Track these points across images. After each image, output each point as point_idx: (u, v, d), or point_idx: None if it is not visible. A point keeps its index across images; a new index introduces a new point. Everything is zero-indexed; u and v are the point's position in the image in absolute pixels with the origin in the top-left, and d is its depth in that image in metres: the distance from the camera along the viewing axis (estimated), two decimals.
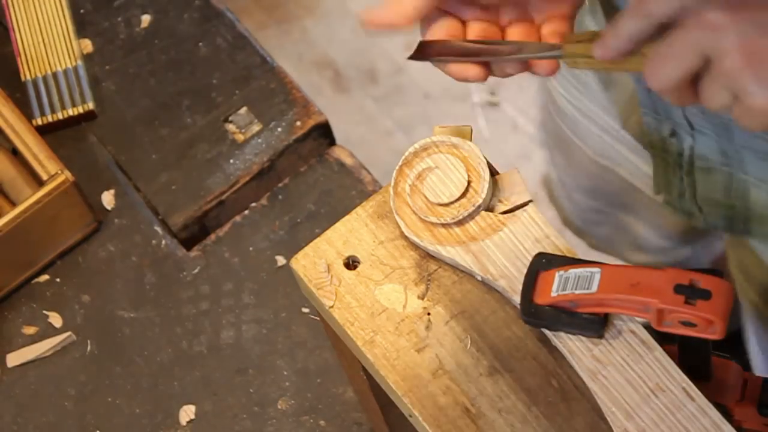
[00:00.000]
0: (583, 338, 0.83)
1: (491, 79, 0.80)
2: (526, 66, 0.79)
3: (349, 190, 1.31)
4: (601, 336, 0.83)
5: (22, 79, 1.38)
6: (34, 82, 1.37)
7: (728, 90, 0.64)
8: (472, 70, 0.79)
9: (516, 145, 2.19)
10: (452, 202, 0.88)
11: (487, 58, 0.80)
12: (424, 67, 0.86)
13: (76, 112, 1.35)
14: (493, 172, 0.90)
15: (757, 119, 0.64)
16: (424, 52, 0.82)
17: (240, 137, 1.34)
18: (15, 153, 1.31)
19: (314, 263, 0.89)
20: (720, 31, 0.62)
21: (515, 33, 0.79)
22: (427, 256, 0.88)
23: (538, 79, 1.31)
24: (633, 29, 0.67)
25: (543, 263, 0.83)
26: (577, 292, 0.80)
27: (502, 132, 2.20)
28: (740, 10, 0.61)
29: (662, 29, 0.66)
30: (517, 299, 0.84)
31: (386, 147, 2.21)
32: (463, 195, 0.88)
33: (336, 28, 2.37)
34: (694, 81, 0.66)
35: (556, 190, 1.56)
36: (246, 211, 1.31)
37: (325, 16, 2.38)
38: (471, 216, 0.88)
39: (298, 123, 1.33)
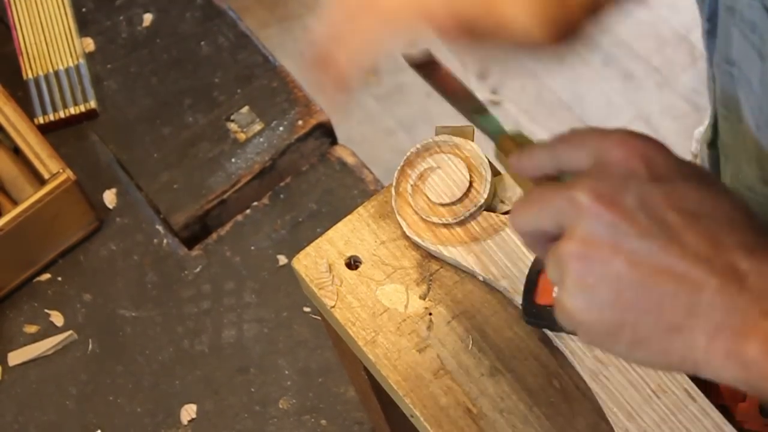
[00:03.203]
0: None
1: (493, 78, 0.80)
2: None
3: (351, 189, 1.30)
4: None
5: (24, 77, 1.38)
6: (36, 81, 1.37)
7: (557, 270, 0.62)
8: None
9: None
10: (454, 202, 0.88)
11: (452, 102, 0.79)
12: None
13: (77, 111, 1.35)
14: (495, 172, 0.90)
15: (561, 316, 0.62)
16: (426, 68, 0.80)
17: (242, 136, 1.34)
18: (17, 152, 1.31)
19: (316, 263, 0.89)
20: (579, 213, 0.60)
21: None
22: (429, 256, 0.88)
23: None
24: (536, 161, 0.69)
25: (545, 264, 0.83)
26: None
27: None
28: (608, 208, 0.59)
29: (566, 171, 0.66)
30: (518, 300, 0.84)
31: (388, 146, 2.21)
32: (465, 195, 0.88)
33: None
34: (551, 239, 0.64)
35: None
36: (247, 210, 1.31)
37: None
38: (473, 216, 0.88)
39: (300, 122, 1.33)
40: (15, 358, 1.25)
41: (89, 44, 1.41)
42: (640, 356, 0.60)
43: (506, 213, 0.88)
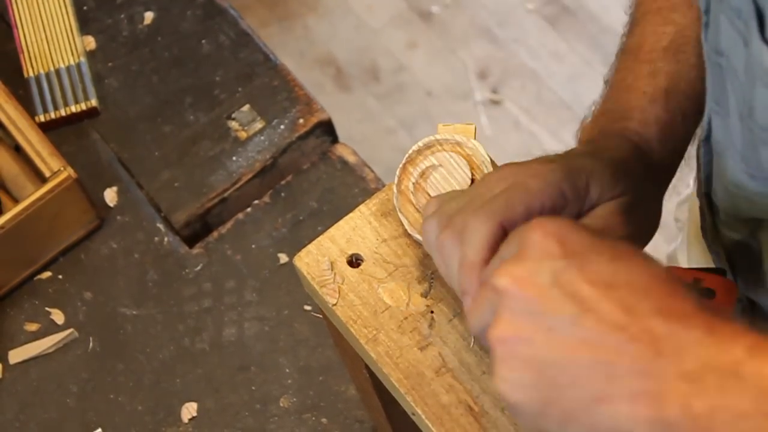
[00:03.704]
0: None
1: (493, 77, 0.81)
2: None
3: (352, 187, 1.30)
4: None
5: (25, 75, 1.38)
6: (37, 79, 1.37)
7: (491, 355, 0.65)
8: None
9: (518, 143, 2.19)
10: None
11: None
12: (426, 65, 0.86)
13: (78, 109, 1.35)
14: None
15: (501, 398, 0.63)
16: None
17: (243, 134, 1.34)
18: (17, 150, 1.31)
19: (317, 261, 0.89)
20: (500, 298, 0.63)
21: None
22: None
23: None
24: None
25: None
26: None
27: (504, 130, 2.20)
28: (523, 288, 0.62)
29: None
30: None
31: (388, 145, 2.22)
32: None
33: (338, 26, 2.37)
34: None
35: None
36: (248, 209, 1.31)
37: (328, 14, 2.38)
38: None
39: (301, 120, 1.33)
40: (15, 356, 1.25)
41: (90, 42, 1.41)
42: None
43: None
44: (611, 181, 0.77)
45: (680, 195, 1.32)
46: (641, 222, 0.78)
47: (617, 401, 0.58)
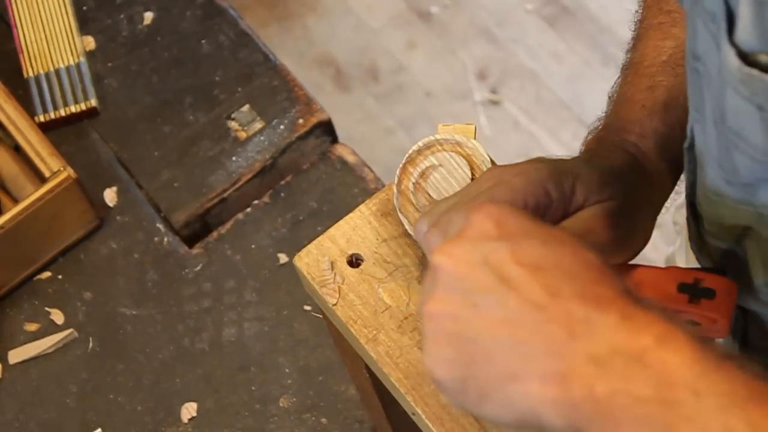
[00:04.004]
0: None
1: (493, 77, 0.81)
2: None
3: (352, 187, 1.30)
4: None
5: (25, 75, 1.38)
6: (37, 79, 1.37)
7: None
8: None
9: (517, 143, 2.19)
10: None
11: None
12: (426, 65, 0.86)
13: (78, 109, 1.35)
14: None
15: (425, 368, 0.65)
16: None
17: (242, 135, 1.34)
18: (17, 150, 1.31)
19: (318, 261, 0.89)
20: (435, 275, 0.65)
21: None
22: None
23: None
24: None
25: None
26: None
27: (503, 130, 2.20)
28: (455, 266, 0.63)
29: None
30: None
31: (387, 145, 2.21)
32: None
33: (337, 26, 2.37)
34: None
35: None
36: (248, 209, 1.31)
37: (327, 14, 2.38)
38: None
39: (301, 121, 1.33)
40: (15, 356, 1.25)
41: (90, 42, 1.41)
42: (488, 411, 0.62)
43: None
44: (599, 184, 0.78)
45: (678, 199, 1.32)
46: (628, 228, 0.79)
47: (529, 380, 0.59)
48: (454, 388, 0.63)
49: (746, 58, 0.60)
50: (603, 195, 0.78)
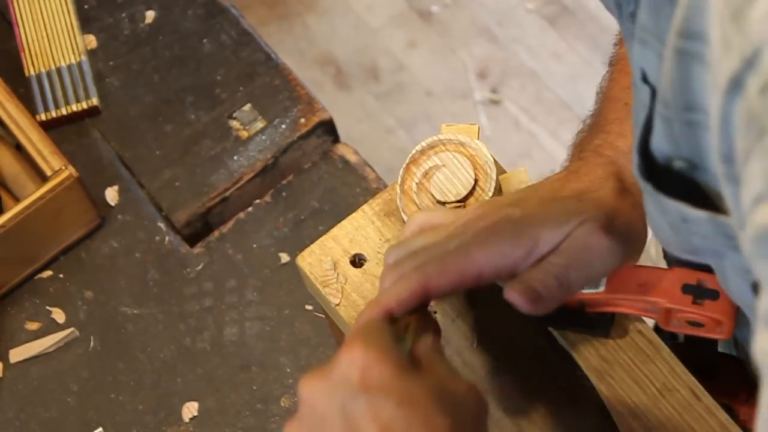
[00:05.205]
0: (590, 338, 0.83)
1: (493, 76, 0.81)
2: None
3: (353, 187, 1.30)
4: (608, 336, 0.83)
5: (26, 74, 1.37)
6: (38, 78, 1.37)
7: None
8: None
9: (517, 143, 2.19)
10: (459, 201, 0.88)
11: None
12: (426, 64, 0.86)
13: (79, 108, 1.35)
14: (500, 171, 0.90)
15: None
16: None
17: (244, 134, 1.33)
18: (19, 148, 1.31)
19: (320, 261, 0.89)
20: (297, 412, 0.70)
21: None
22: None
23: None
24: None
25: None
26: (584, 291, 0.80)
27: (504, 130, 2.20)
28: (311, 410, 0.69)
29: None
30: None
31: (388, 144, 2.21)
32: (470, 193, 0.88)
33: (338, 25, 2.37)
34: None
35: None
36: (250, 208, 1.31)
37: (327, 13, 2.38)
38: None
39: (302, 120, 1.33)
40: (16, 355, 1.25)
41: (91, 41, 1.40)
42: None
43: None
44: (563, 222, 0.78)
45: None
46: (624, 231, 0.78)
47: None
48: None
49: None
50: (579, 218, 0.78)
